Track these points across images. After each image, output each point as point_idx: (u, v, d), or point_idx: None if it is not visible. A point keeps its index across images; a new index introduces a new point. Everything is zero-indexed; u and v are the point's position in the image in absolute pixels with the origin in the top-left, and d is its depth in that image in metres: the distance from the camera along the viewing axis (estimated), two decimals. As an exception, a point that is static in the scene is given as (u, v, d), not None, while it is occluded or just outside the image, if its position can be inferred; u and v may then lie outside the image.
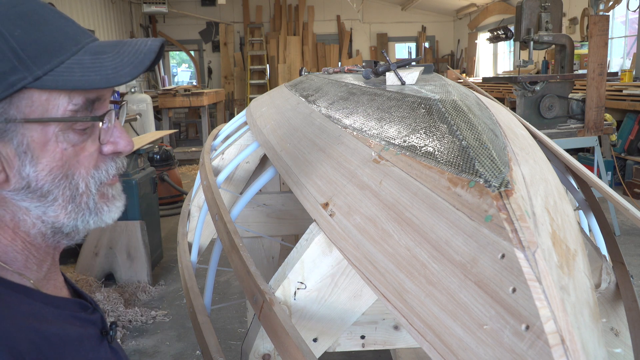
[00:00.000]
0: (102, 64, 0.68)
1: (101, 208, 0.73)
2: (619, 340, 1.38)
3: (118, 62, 0.68)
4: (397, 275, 0.79)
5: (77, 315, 0.76)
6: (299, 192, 1.19)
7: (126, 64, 0.68)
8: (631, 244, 4.47)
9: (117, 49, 0.70)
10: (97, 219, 0.73)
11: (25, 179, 0.67)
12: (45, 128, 0.66)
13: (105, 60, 0.68)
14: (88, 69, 0.67)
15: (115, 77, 0.67)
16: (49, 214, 0.69)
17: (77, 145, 0.69)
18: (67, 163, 0.69)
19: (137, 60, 0.69)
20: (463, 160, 0.80)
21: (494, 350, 0.61)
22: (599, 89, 4.42)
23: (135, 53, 0.70)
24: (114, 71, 0.67)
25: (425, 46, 13.77)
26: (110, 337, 0.80)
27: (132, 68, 0.68)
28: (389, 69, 1.57)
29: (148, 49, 0.71)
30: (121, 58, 0.69)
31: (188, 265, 1.64)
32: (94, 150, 0.72)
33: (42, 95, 0.65)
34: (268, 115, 1.95)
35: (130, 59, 0.69)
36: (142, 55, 0.70)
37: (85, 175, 0.71)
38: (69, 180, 0.69)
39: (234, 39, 13.28)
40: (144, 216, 3.91)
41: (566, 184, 1.56)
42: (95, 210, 0.73)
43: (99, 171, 0.72)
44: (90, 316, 0.78)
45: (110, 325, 0.82)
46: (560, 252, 0.69)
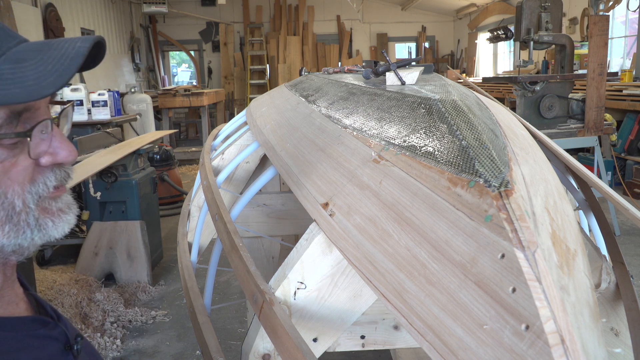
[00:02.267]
0: (23, 73, 0.61)
1: (45, 224, 0.67)
2: (619, 340, 1.38)
3: (41, 70, 0.61)
4: (397, 275, 0.79)
5: (34, 334, 0.71)
6: (299, 192, 1.19)
7: (50, 73, 0.61)
8: (631, 244, 4.47)
9: (41, 54, 0.63)
10: (41, 235, 0.67)
11: None
12: None
13: (27, 69, 0.61)
14: (7, 80, 0.60)
15: (37, 88, 0.60)
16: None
17: (6, 161, 0.63)
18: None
19: (62, 68, 0.62)
20: (463, 160, 0.80)
21: (494, 350, 0.61)
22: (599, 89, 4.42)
23: (61, 58, 0.63)
24: (36, 82, 0.60)
25: (425, 46, 13.77)
26: (76, 351, 0.75)
27: (56, 77, 0.61)
28: (389, 69, 1.57)
29: (76, 53, 0.63)
30: (44, 66, 0.62)
31: (188, 265, 1.64)
32: (29, 164, 0.65)
33: None
34: (268, 115, 1.95)
35: (54, 66, 0.62)
36: (67, 60, 0.62)
37: (20, 192, 0.64)
38: (1, 200, 0.63)
39: (234, 39, 13.28)
40: (144, 216, 3.91)
41: (566, 184, 1.56)
42: (38, 227, 0.66)
43: (36, 185, 0.66)
44: (50, 332, 0.73)
45: (75, 337, 0.77)
46: (560, 252, 0.69)
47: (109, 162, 3.57)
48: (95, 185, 3.70)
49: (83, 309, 3.28)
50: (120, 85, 10.26)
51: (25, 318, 0.73)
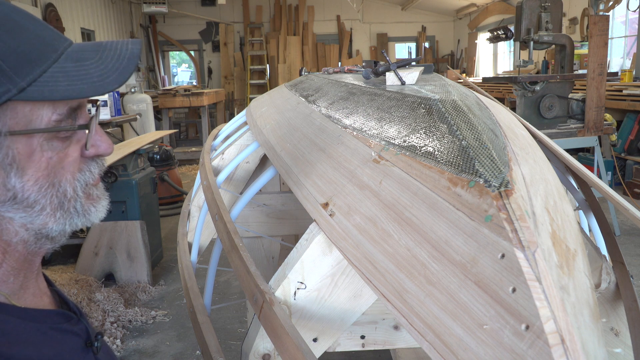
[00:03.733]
0: (87, 71, 0.66)
1: (88, 209, 0.72)
2: (619, 340, 1.38)
3: (102, 68, 0.67)
4: (397, 275, 0.79)
5: (57, 327, 0.73)
6: (299, 192, 1.19)
7: (111, 71, 0.67)
8: (631, 244, 4.47)
9: (98, 54, 0.68)
10: (85, 220, 0.72)
11: (11, 190, 0.65)
12: (30, 139, 0.65)
13: (90, 67, 0.66)
14: (73, 77, 0.65)
15: (103, 85, 0.66)
16: (36, 222, 0.67)
17: (61, 152, 0.68)
18: (52, 171, 0.67)
19: (121, 66, 0.68)
20: (463, 160, 0.80)
21: (494, 350, 0.61)
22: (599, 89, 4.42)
23: (118, 58, 0.68)
24: (100, 79, 0.66)
25: (425, 46, 13.77)
26: (96, 348, 0.77)
27: (118, 75, 0.67)
28: (389, 69, 1.57)
29: (131, 54, 0.70)
30: (105, 64, 0.67)
31: (188, 265, 1.64)
32: (77, 154, 0.71)
33: (26, 106, 0.64)
34: (268, 115, 1.95)
35: (114, 64, 0.68)
36: (125, 60, 0.69)
37: (72, 180, 0.69)
38: (56, 188, 0.68)
39: (234, 39, 13.28)
40: (144, 216, 3.91)
41: (566, 184, 1.56)
42: (83, 212, 0.72)
43: (83, 173, 0.71)
44: (73, 327, 0.75)
45: (96, 335, 0.79)
46: (560, 252, 0.69)
47: (109, 162, 3.57)
48: (95, 185, 3.69)
49: (83, 309, 3.28)
50: (120, 85, 10.24)
51: (49, 311, 0.75)
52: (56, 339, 0.71)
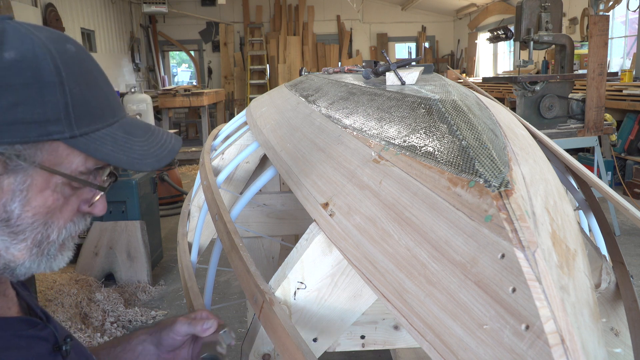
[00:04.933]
0: (132, 146, 0.72)
1: (56, 256, 0.74)
2: (619, 340, 1.38)
3: (146, 149, 0.73)
4: (397, 275, 0.79)
5: (22, 334, 0.73)
6: (299, 192, 1.19)
7: (151, 155, 0.73)
8: (631, 244, 4.47)
9: (147, 135, 0.75)
10: (48, 264, 0.73)
11: (7, 212, 0.67)
12: (51, 177, 0.68)
13: (135, 144, 0.72)
14: (119, 146, 0.70)
15: (140, 163, 0.71)
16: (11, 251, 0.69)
17: (67, 198, 0.71)
18: (51, 212, 0.70)
19: (161, 154, 0.74)
20: (463, 160, 0.80)
21: (494, 350, 0.61)
22: (599, 89, 4.42)
23: (162, 146, 0.75)
24: (140, 158, 0.72)
25: (425, 46, 13.77)
26: (65, 351, 0.77)
27: (155, 160, 0.73)
28: (389, 69, 1.57)
29: (172, 148, 0.76)
30: (149, 147, 0.73)
31: (188, 265, 1.64)
32: (75, 206, 0.73)
33: (66, 150, 0.68)
34: (268, 115, 1.95)
35: (156, 150, 0.74)
36: (166, 151, 0.75)
37: (61, 226, 0.72)
38: (45, 228, 0.70)
39: (234, 39, 13.28)
40: (144, 216, 3.91)
41: (566, 184, 1.56)
42: (53, 257, 0.73)
43: (73, 225, 0.74)
44: (39, 333, 0.76)
45: (65, 338, 0.79)
46: (560, 252, 0.69)
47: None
48: (95, 185, 3.69)
49: (83, 309, 3.28)
50: (120, 85, 10.26)
51: (13, 319, 0.76)
52: (20, 346, 0.72)
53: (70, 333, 0.83)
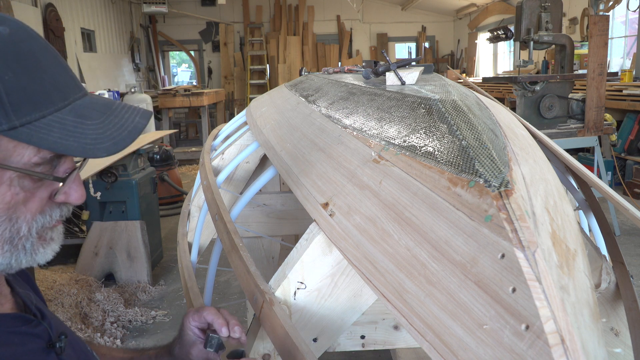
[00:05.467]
0: (83, 130, 0.65)
1: (37, 249, 0.71)
2: (619, 340, 1.38)
3: (100, 133, 0.66)
4: (397, 275, 0.79)
5: (15, 331, 0.73)
6: (299, 192, 1.19)
7: (107, 138, 0.66)
8: (631, 244, 4.47)
9: (103, 117, 0.68)
10: (30, 259, 0.71)
11: None
12: (2, 172, 0.64)
13: (88, 128, 0.66)
14: (68, 132, 0.64)
15: (93, 149, 0.65)
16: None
17: (29, 191, 0.67)
18: (14, 207, 0.67)
19: (119, 137, 0.67)
20: (463, 160, 0.80)
21: (494, 350, 0.61)
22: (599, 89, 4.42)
23: (120, 128, 0.68)
24: (93, 143, 0.65)
25: (425, 46, 13.76)
26: (59, 349, 0.77)
27: (112, 144, 0.66)
28: (389, 69, 1.57)
29: (134, 127, 0.69)
30: (104, 129, 0.67)
31: (188, 265, 1.64)
32: (45, 196, 0.70)
33: (11, 143, 0.63)
34: (268, 115, 1.95)
35: (112, 132, 0.67)
36: (125, 132, 0.68)
37: (29, 220, 0.69)
38: (12, 224, 0.67)
39: (234, 39, 13.28)
40: (144, 216, 3.91)
41: (566, 184, 1.56)
42: (31, 252, 0.70)
43: (44, 216, 0.70)
44: (33, 329, 0.75)
45: (59, 335, 0.78)
46: (560, 252, 0.69)
47: (109, 162, 3.57)
48: (95, 185, 3.69)
49: (83, 309, 3.28)
50: (120, 85, 10.25)
51: (6, 315, 0.75)
52: (13, 342, 0.71)
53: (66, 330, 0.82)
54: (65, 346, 0.78)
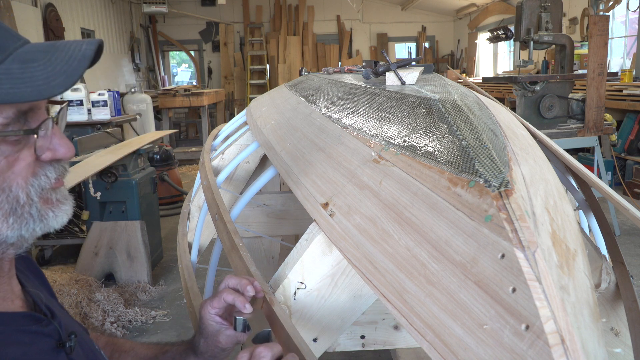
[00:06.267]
0: (32, 74, 0.63)
1: (46, 214, 0.70)
2: (619, 340, 1.38)
3: (50, 70, 0.64)
4: (397, 275, 0.79)
5: (25, 329, 0.72)
6: (299, 192, 1.19)
7: (58, 73, 0.64)
8: (631, 244, 4.47)
9: (48, 55, 0.65)
10: (42, 225, 0.69)
11: None
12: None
13: (36, 70, 0.63)
14: (17, 79, 0.62)
15: (47, 88, 0.62)
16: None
17: (10, 156, 0.65)
18: (1, 176, 0.65)
19: (70, 69, 0.64)
20: (463, 160, 0.80)
21: (494, 350, 0.61)
22: (599, 89, 4.42)
23: (69, 60, 0.65)
24: (45, 81, 0.63)
25: (425, 46, 13.76)
26: (69, 348, 0.76)
27: (65, 78, 0.64)
28: (389, 69, 1.57)
29: (82, 55, 0.66)
30: (53, 66, 0.64)
31: (188, 265, 1.64)
32: (31, 159, 0.68)
33: None
34: (268, 115, 1.95)
35: (62, 67, 0.64)
36: (75, 62, 0.65)
37: (24, 185, 0.67)
38: (7, 194, 0.65)
39: (234, 39, 13.28)
40: (144, 216, 3.91)
41: (566, 184, 1.56)
42: (40, 217, 0.69)
43: (38, 178, 0.68)
44: (43, 329, 0.74)
45: (69, 335, 0.78)
46: (560, 252, 0.69)
47: (109, 162, 3.57)
48: (95, 185, 3.69)
49: (83, 309, 3.28)
50: (120, 85, 10.26)
51: (16, 314, 0.74)
52: (22, 341, 0.70)
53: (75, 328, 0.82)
54: (75, 345, 0.77)
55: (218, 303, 0.92)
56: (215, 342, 0.94)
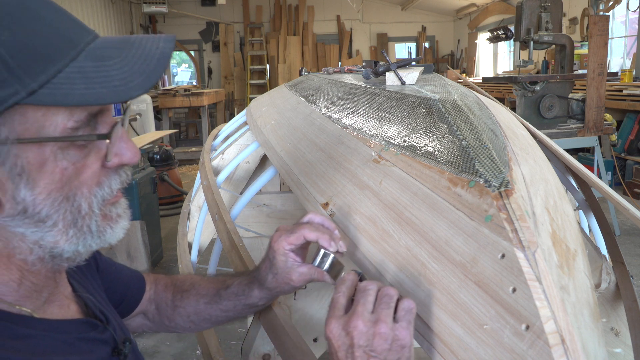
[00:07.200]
0: (108, 73, 0.57)
1: (104, 230, 0.65)
2: (619, 340, 1.38)
3: (126, 70, 0.58)
4: (397, 275, 0.79)
5: (84, 337, 0.69)
6: (299, 192, 1.19)
7: (136, 74, 0.58)
8: (631, 244, 4.47)
9: (123, 52, 0.60)
10: (99, 241, 0.65)
11: (20, 203, 0.58)
12: (41, 147, 0.57)
13: (112, 69, 0.58)
14: (92, 80, 0.56)
15: (125, 90, 0.57)
16: (47, 239, 0.61)
17: (78, 162, 0.60)
18: (67, 184, 0.60)
19: (148, 69, 0.59)
20: (463, 160, 0.80)
21: (494, 350, 0.61)
22: (599, 89, 4.42)
23: (146, 59, 0.60)
24: (123, 82, 0.57)
25: (425, 46, 13.77)
26: (124, 355, 0.74)
27: (143, 78, 0.58)
28: (389, 69, 1.57)
29: (161, 54, 0.61)
30: (130, 65, 0.59)
31: (188, 265, 1.64)
32: (98, 165, 0.63)
33: (38, 111, 0.56)
34: (268, 115, 1.95)
35: (140, 66, 0.59)
36: (153, 61, 0.60)
37: (88, 195, 0.62)
38: (70, 203, 0.61)
39: (234, 39, 13.28)
40: (144, 216, 3.91)
41: (566, 184, 1.56)
42: (98, 233, 0.65)
43: (102, 188, 0.64)
44: (100, 335, 0.72)
45: (124, 341, 0.76)
46: (560, 252, 0.69)
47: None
48: (95, 185, 3.69)
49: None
50: (120, 85, 10.24)
51: (75, 321, 0.71)
52: (83, 349, 0.68)
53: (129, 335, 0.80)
54: (129, 353, 0.75)
55: (297, 239, 0.85)
56: (286, 279, 0.87)
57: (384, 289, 0.69)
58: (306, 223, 0.87)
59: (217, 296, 0.96)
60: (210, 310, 0.97)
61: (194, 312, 0.97)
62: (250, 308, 0.95)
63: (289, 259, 0.86)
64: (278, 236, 0.87)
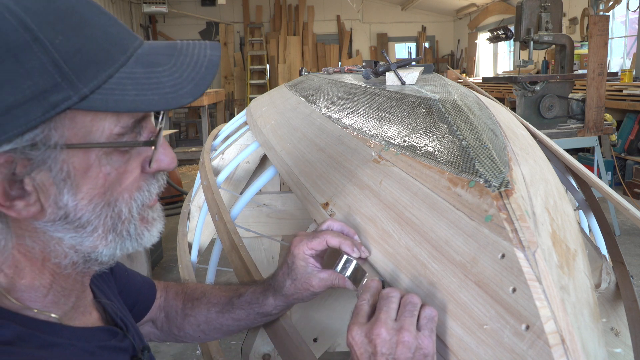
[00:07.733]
0: (158, 79, 0.57)
1: (142, 233, 0.65)
2: (619, 340, 1.38)
3: (177, 77, 0.58)
4: (397, 275, 0.79)
5: (105, 345, 0.69)
6: (299, 192, 1.19)
7: (186, 81, 0.58)
8: (631, 244, 4.47)
9: (172, 59, 0.60)
10: (136, 244, 0.65)
11: (62, 209, 0.57)
12: (87, 153, 0.57)
13: (162, 75, 0.58)
14: (143, 86, 0.56)
15: (176, 97, 0.57)
16: (86, 244, 0.61)
17: (120, 167, 0.60)
18: (109, 189, 0.60)
19: (198, 76, 0.59)
20: (463, 160, 0.80)
21: (494, 350, 0.61)
22: (599, 89, 4.42)
23: (195, 66, 0.60)
24: (173, 89, 0.57)
25: (425, 46, 13.77)
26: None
27: (193, 86, 0.58)
28: (389, 69, 1.57)
29: (209, 62, 0.61)
30: (180, 72, 0.59)
31: (188, 265, 1.64)
32: (138, 170, 0.62)
33: (87, 116, 0.55)
34: (268, 115, 1.95)
35: (190, 73, 0.59)
36: (203, 69, 0.60)
37: (128, 200, 0.62)
38: (112, 208, 0.61)
39: (234, 39, 13.28)
40: (144, 216, 3.91)
41: (566, 184, 1.56)
42: (136, 237, 0.64)
43: (142, 193, 0.63)
44: (120, 343, 0.72)
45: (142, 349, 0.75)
46: (560, 252, 0.69)
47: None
48: (95, 185, 3.69)
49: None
50: (120, 85, 10.24)
51: (96, 329, 0.71)
52: (104, 358, 0.68)
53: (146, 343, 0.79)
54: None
55: (319, 245, 0.85)
56: (306, 285, 0.87)
57: (407, 297, 0.69)
58: (326, 230, 0.87)
59: (229, 305, 0.95)
60: (221, 319, 0.96)
61: (205, 321, 0.96)
62: (263, 317, 0.94)
63: (309, 265, 0.86)
64: (299, 241, 0.86)
